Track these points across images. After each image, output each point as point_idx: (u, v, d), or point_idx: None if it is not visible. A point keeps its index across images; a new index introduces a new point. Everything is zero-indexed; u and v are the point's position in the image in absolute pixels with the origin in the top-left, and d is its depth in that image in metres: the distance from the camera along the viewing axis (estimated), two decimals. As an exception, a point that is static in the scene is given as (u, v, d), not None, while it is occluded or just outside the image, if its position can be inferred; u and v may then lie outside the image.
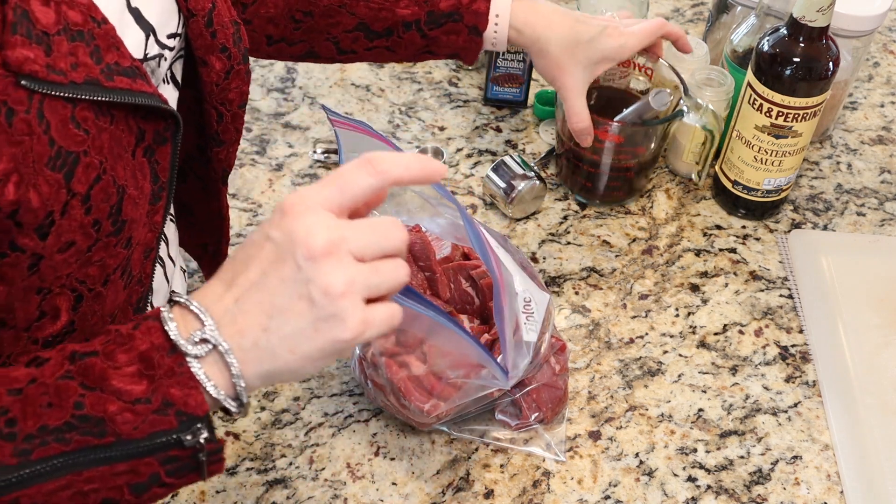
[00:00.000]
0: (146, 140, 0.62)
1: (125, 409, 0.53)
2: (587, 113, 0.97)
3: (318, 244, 0.53)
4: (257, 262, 0.55)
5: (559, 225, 1.07)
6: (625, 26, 0.97)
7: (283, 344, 0.54)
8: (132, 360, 0.54)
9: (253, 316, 0.54)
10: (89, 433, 0.53)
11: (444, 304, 0.86)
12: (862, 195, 1.13)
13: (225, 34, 0.72)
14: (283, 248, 0.54)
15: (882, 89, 1.28)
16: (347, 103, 1.20)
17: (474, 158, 1.14)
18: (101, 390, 0.53)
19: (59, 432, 0.53)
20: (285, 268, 0.54)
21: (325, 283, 0.53)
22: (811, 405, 0.92)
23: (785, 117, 0.98)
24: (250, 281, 0.55)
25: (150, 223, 0.67)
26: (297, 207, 0.55)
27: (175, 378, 0.54)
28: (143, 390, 0.53)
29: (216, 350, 0.54)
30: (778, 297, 1.01)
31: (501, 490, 0.83)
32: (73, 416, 0.53)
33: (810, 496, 0.85)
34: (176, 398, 0.54)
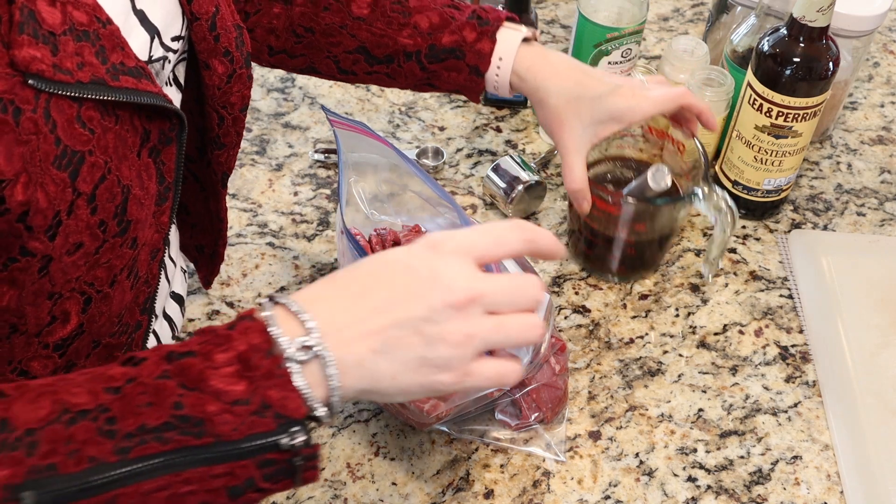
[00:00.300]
0: (151, 140, 0.63)
1: (224, 409, 0.53)
2: (583, 175, 0.88)
3: (459, 294, 0.55)
4: (388, 286, 0.57)
5: (559, 225, 1.07)
6: (643, 89, 0.88)
7: (388, 370, 0.56)
8: (230, 361, 0.54)
9: (366, 337, 0.55)
10: (188, 433, 0.53)
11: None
12: (862, 195, 1.13)
13: (228, 38, 0.72)
14: (421, 283, 0.56)
15: (882, 89, 1.28)
16: (347, 103, 1.20)
17: (474, 158, 1.14)
18: (200, 391, 0.53)
19: (158, 432, 0.52)
20: (417, 304, 0.55)
21: (447, 331, 0.55)
22: (811, 405, 0.92)
23: (785, 117, 0.98)
24: (374, 303, 0.56)
25: (157, 224, 0.67)
26: (447, 246, 0.57)
27: (273, 380, 0.54)
28: (243, 391, 0.53)
29: (317, 359, 0.55)
30: (778, 297, 1.01)
31: (501, 490, 0.83)
32: (173, 416, 0.53)
33: (810, 496, 0.85)
34: (274, 400, 0.53)
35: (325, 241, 1.03)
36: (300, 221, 1.05)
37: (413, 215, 0.92)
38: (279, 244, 1.03)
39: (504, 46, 0.88)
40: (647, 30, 1.33)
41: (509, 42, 0.88)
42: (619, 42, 1.12)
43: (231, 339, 0.54)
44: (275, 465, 0.54)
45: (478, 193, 1.10)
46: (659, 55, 1.29)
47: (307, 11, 0.88)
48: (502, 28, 0.89)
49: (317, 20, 0.89)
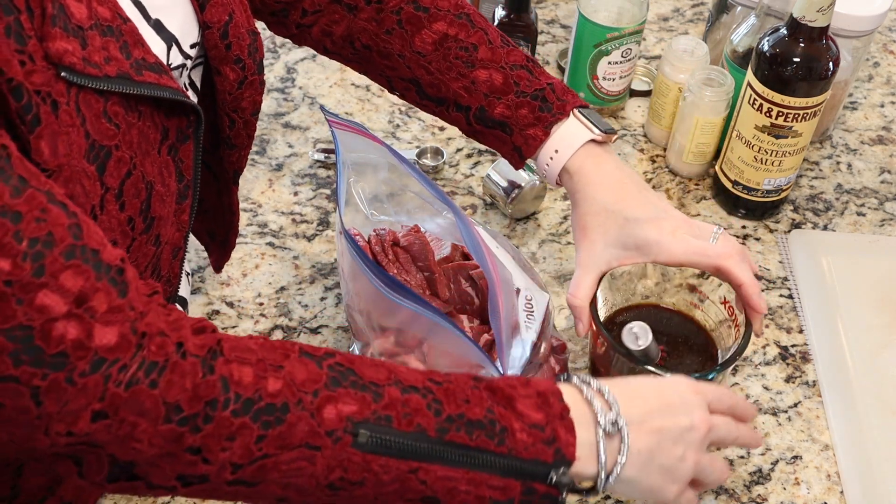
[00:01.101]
0: (170, 138, 0.63)
1: (524, 429, 0.60)
2: (587, 293, 0.81)
3: (705, 426, 0.67)
4: (665, 401, 0.67)
5: (559, 225, 1.07)
6: (690, 230, 0.81)
7: (649, 469, 0.65)
8: (532, 395, 0.62)
9: (650, 435, 0.65)
10: (493, 437, 0.59)
11: (443, 304, 0.86)
12: (862, 195, 1.13)
13: (240, 45, 0.72)
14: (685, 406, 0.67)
15: (882, 89, 1.28)
16: (347, 103, 1.20)
17: (474, 158, 1.14)
18: (507, 407, 0.61)
19: (471, 426, 0.59)
20: (682, 419, 0.66)
21: (690, 453, 0.66)
22: (811, 405, 0.92)
23: (785, 117, 0.98)
24: (654, 406, 0.66)
25: (178, 222, 0.68)
26: (694, 386, 0.69)
27: (564, 421, 0.61)
28: (541, 419, 0.61)
29: (618, 437, 0.63)
30: (778, 297, 1.01)
31: (501, 490, 0.83)
32: (486, 417, 0.60)
33: (810, 496, 0.85)
34: (560, 438, 0.61)
35: (325, 241, 1.03)
36: (300, 221, 1.05)
37: (413, 216, 0.92)
38: (279, 244, 1.03)
39: (563, 143, 0.81)
40: (647, 30, 1.33)
41: (570, 139, 0.81)
42: (619, 42, 1.12)
43: (531, 380, 0.63)
44: (534, 495, 0.61)
45: (478, 193, 1.10)
46: (659, 55, 1.29)
47: (370, 28, 0.83)
48: (566, 122, 0.82)
49: (377, 40, 0.84)
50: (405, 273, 0.87)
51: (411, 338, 0.82)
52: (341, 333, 0.95)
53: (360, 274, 0.81)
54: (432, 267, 0.87)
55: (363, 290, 0.82)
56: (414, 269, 0.88)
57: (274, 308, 0.97)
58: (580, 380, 0.65)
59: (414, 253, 0.88)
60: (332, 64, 1.24)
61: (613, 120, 1.20)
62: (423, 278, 0.88)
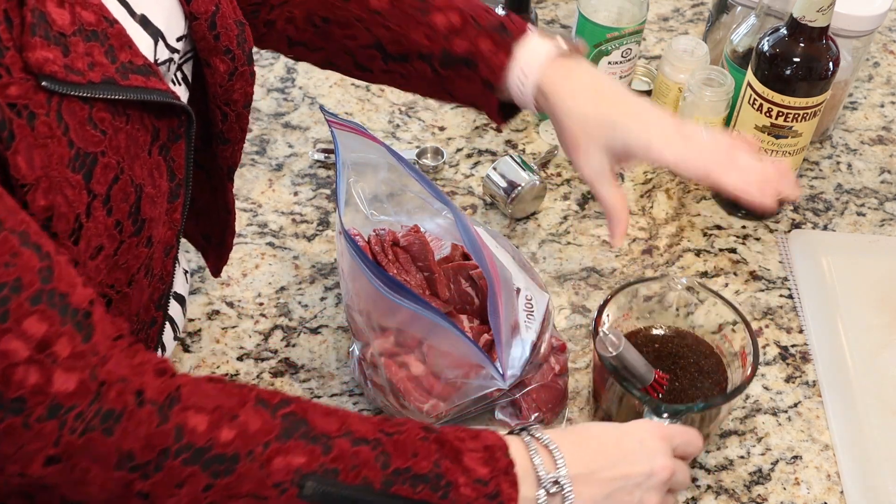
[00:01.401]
0: (161, 138, 0.63)
1: (468, 483, 0.61)
2: (618, 196, 0.78)
3: (665, 474, 0.69)
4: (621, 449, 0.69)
5: (559, 225, 1.07)
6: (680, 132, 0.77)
7: None
8: (479, 448, 0.63)
9: (597, 487, 0.66)
10: (436, 490, 0.61)
11: (442, 304, 0.86)
12: (862, 195, 1.13)
13: (229, 36, 0.72)
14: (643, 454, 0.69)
15: (882, 89, 1.28)
16: (347, 103, 1.20)
17: (474, 158, 1.14)
18: (454, 461, 0.62)
19: (416, 480, 0.60)
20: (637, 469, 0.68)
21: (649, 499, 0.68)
22: (811, 405, 0.92)
23: (785, 117, 0.98)
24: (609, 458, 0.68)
25: (170, 221, 0.67)
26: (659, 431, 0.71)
27: (508, 476, 0.63)
28: (485, 474, 0.62)
29: (560, 495, 0.65)
30: (778, 297, 1.01)
31: (501, 490, 0.83)
32: (431, 472, 0.61)
33: (810, 496, 0.85)
34: (503, 492, 0.62)
35: (325, 241, 1.03)
36: (300, 221, 1.05)
37: (412, 216, 0.92)
38: (279, 244, 1.03)
39: (528, 60, 0.79)
40: (647, 30, 1.33)
41: (535, 55, 0.79)
42: (619, 42, 1.12)
43: (479, 433, 0.64)
44: None
45: (478, 193, 1.10)
46: (659, 55, 1.29)
47: (328, 1, 0.84)
48: (528, 41, 0.80)
49: (334, 10, 0.84)
50: (405, 273, 0.87)
51: (411, 338, 0.82)
52: (341, 333, 0.95)
53: (360, 274, 0.81)
54: (432, 267, 0.87)
55: (363, 290, 0.82)
56: (414, 269, 0.88)
57: (274, 308, 0.97)
58: (529, 434, 0.67)
59: (414, 253, 0.88)
60: (332, 64, 1.24)
61: (613, 120, 1.20)
62: (422, 278, 0.88)
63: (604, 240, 1.05)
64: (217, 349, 0.93)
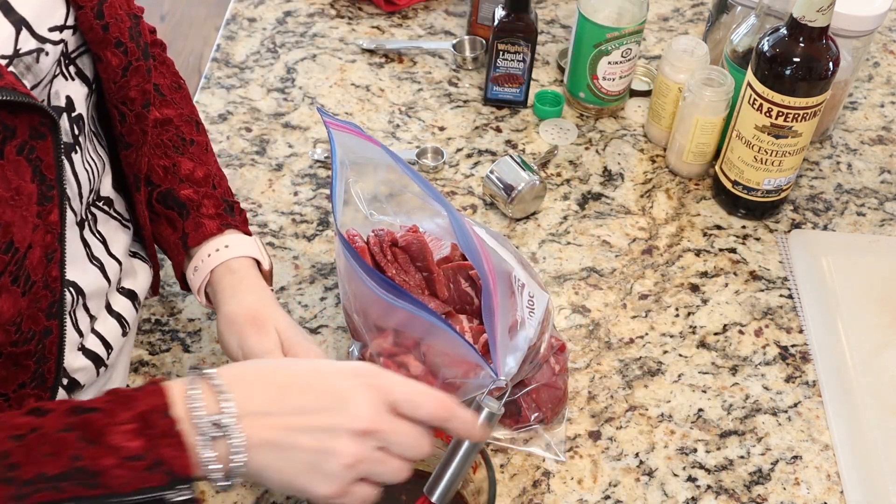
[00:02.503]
0: (18, 137, 0.60)
1: (119, 464, 0.57)
2: None
3: (361, 423, 0.61)
4: (306, 392, 0.62)
5: (559, 225, 1.07)
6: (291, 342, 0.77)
7: (277, 464, 0.60)
8: (131, 419, 0.58)
9: (271, 429, 0.60)
10: (82, 484, 0.56)
11: (441, 304, 0.86)
12: (862, 195, 1.13)
13: (119, 28, 0.68)
14: (334, 401, 0.61)
15: (882, 89, 1.28)
16: (347, 103, 1.20)
17: (474, 158, 1.14)
18: (98, 444, 0.57)
19: (55, 481, 0.56)
20: (324, 416, 0.61)
21: (339, 447, 0.60)
22: (811, 405, 0.92)
23: (785, 117, 0.98)
24: (289, 401, 0.61)
25: (45, 224, 0.64)
26: (371, 379, 0.62)
27: (169, 439, 0.58)
28: (138, 447, 0.57)
29: (225, 437, 0.59)
30: (778, 297, 1.01)
31: (501, 490, 0.83)
32: (71, 468, 0.56)
33: (810, 496, 0.85)
34: (167, 458, 0.57)
35: (325, 241, 1.03)
36: (300, 221, 1.05)
37: (412, 216, 0.92)
38: (279, 244, 1.03)
39: (234, 245, 0.82)
40: (647, 30, 1.33)
41: (241, 246, 0.82)
42: (619, 42, 1.12)
43: (135, 399, 0.59)
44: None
45: (478, 193, 1.10)
46: (659, 55, 1.29)
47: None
48: (239, 233, 0.83)
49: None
50: (404, 273, 0.87)
51: (410, 338, 0.82)
52: (341, 333, 0.95)
53: (356, 275, 0.81)
54: (430, 267, 0.87)
55: (359, 292, 0.82)
56: (412, 269, 0.88)
57: (274, 308, 0.96)
58: (197, 374, 0.61)
59: (412, 253, 0.88)
60: (331, 64, 1.24)
61: (614, 120, 1.20)
62: (421, 278, 0.88)
63: (604, 240, 1.05)
64: (217, 349, 0.93)
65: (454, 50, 1.25)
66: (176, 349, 0.93)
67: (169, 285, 0.98)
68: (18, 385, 0.67)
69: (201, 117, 1.15)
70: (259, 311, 0.78)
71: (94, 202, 0.76)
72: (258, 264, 0.83)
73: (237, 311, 0.79)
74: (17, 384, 0.67)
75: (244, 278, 0.81)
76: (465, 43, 1.25)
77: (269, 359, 0.69)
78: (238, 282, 0.80)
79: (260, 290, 0.81)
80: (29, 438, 0.57)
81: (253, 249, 0.83)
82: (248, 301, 0.79)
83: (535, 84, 1.22)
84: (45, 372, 0.69)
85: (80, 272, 0.73)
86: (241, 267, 0.81)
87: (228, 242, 0.82)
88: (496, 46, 1.14)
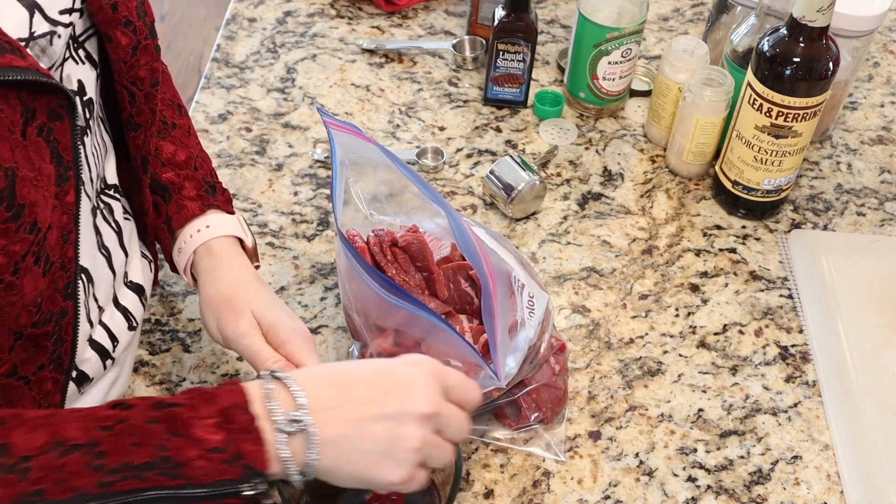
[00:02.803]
0: (38, 118, 0.61)
1: (201, 455, 0.59)
2: None
3: (425, 407, 0.64)
4: (372, 384, 0.65)
5: (559, 225, 1.07)
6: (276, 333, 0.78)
7: (350, 455, 0.63)
8: (213, 414, 0.60)
9: (344, 423, 0.63)
10: (165, 473, 0.59)
11: (441, 304, 0.86)
12: (862, 195, 1.13)
13: (128, 7, 0.69)
14: (398, 388, 0.65)
15: (882, 89, 1.28)
16: (347, 103, 1.20)
17: (474, 158, 1.14)
18: (182, 437, 0.60)
19: (139, 470, 0.59)
20: (390, 404, 0.64)
21: (408, 432, 0.63)
22: (811, 405, 0.92)
23: (785, 117, 0.98)
24: (357, 394, 0.65)
25: (62, 205, 0.65)
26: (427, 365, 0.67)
27: (249, 435, 0.60)
28: (220, 440, 0.60)
29: (303, 433, 0.62)
30: (778, 297, 1.01)
31: (501, 490, 0.83)
32: (156, 457, 0.59)
33: (810, 496, 0.85)
34: (246, 452, 0.60)
35: (325, 241, 1.03)
36: (300, 221, 1.05)
37: (412, 216, 0.92)
38: (279, 244, 1.03)
39: (215, 224, 0.83)
40: (647, 30, 1.33)
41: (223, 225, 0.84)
42: (619, 42, 1.12)
43: (216, 395, 0.62)
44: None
45: (478, 193, 1.10)
46: (659, 55, 1.29)
47: None
48: (223, 214, 0.85)
49: None
50: (403, 273, 0.87)
51: (409, 338, 0.82)
52: (341, 333, 0.95)
53: (356, 275, 0.81)
54: (430, 267, 0.87)
55: (360, 291, 0.82)
56: (412, 269, 0.88)
57: (274, 308, 0.96)
58: (272, 376, 0.64)
59: (412, 253, 0.88)
60: (331, 64, 1.24)
61: (614, 120, 1.20)
62: (421, 278, 0.88)
63: (604, 240, 1.05)
64: (217, 349, 0.93)
65: (454, 50, 1.25)
66: (176, 349, 0.93)
67: (169, 285, 0.98)
68: (38, 367, 0.69)
69: (201, 117, 1.15)
70: (233, 295, 0.80)
71: (104, 189, 0.77)
72: (242, 242, 0.85)
73: (213, 294, 0.80)
74: (37, 366, 0.69)
75: (222, 260, 0.82)
76: (465, 43, 1.25)
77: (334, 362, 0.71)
78: (216, 265, 0.82)
79: (238, 269, 0.82)
80: (117, 429, 0.59)
81: (234, 227, 0.84)
82: (225, 284, 0.81)
83: (535, 84, 1.22)
84: (62, 353, 0.70)
85: (90, 259, 0.73)
86: (220, 248, 0.83)
87: (210, 223, 0.84)
88: (496, 46, 1.14)
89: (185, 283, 0.98)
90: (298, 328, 0.78)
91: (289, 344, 0.77)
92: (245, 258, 0.84)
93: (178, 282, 0.98)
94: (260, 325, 0.78)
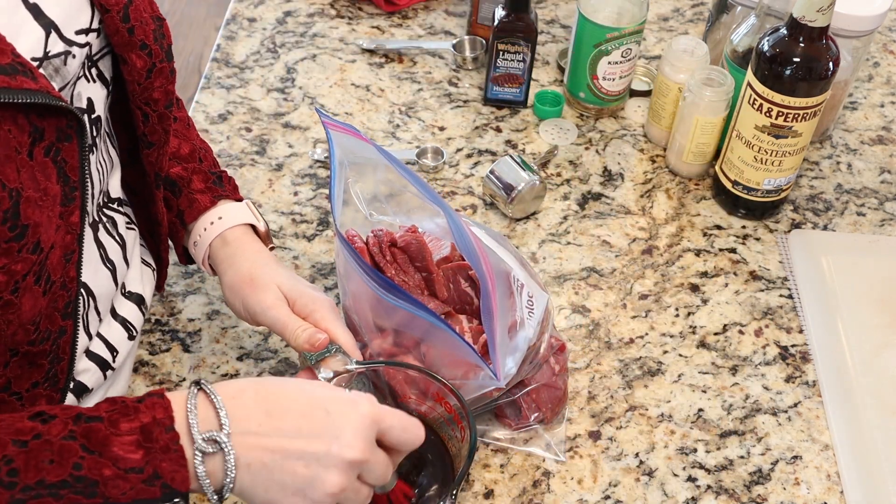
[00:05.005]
0: (46, 139, 0.60)
1: (118, 475, 0.58)
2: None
3: (354, 453, 0.63)
4: (301, 417, 0.63)
5: (559, 225, 1.07)
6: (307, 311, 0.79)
7: (265, 484, 0.62)
8: (133, 431, 0.59)
9: (263, 450, 0.62)
10: (81, 493, 0.58)
11: (440, 304, 0.86)
12: (862, 195, 1.13)
13: (144, 30, 0.69)
14: (328, 429, 0.63)
15: (882, 89, 1.28)
16: (347, 103, 1.20)
17: (474, 158, 1.14)
18: (100, 454, 0.58)
19: (54, 488, 0.57)
20: (318, 443, 0.62)
21: (328, 476, 0.62)
22: (811, 405, 0.92)
23: (785, 117, 0.98)
24: (283, 424, 0.63)
25: (67, 225, 0.64)
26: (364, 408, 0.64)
27: (168, 454, 0.59)
28: (138, 460, 0.59)
29: (221, 454, 0.61)
30: (778, 297, 1.01)
31: (501, 490, 0.83)
32: (71, 475, 0.57)
33: (810, 496, 0.85)
34: (165, 472, 0.59)
35: (325, 241, 1.03)
36: (300, 221, 1.05)
37: (411, 216, 0.92)
38: (279, 244, 1.03)
39: (228, 214, 0.85)
40: (647, 30, 1.33)
41: (235, 214, 0.85)
42: (619, 42, 1.12)
43: (138, 410, 0.60)
44: None
45: (478, 193, 1.10)
46: (659, 55, 1.29)
47: None
48: (230, 202, 0.86)
49: None
50: (403, 274, 0.87)
51: (409, 338, 0.82)
52: (341, 333, 0.95)
53: (356, 275, 0.81)
54: (430, 267, 0.87)
55: (359, 291, 0.82)
56: (412, 269, 0.88)
57: (274, 308, 0.96)
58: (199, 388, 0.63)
59: (411, 253, 0.88)
60: (331, 64, 1.24)
61: (614, 120, 1.20)
62: (420, 279, 0.88)
63: (604, 240, 1.05)
64: (217, 349, 0.93)
65: (454, 50, 1.25)
66: (176, 349, 0.93)
67: (169, 285, 0.98)
68: (32, 384, 0.68)
69: (201, 117, 1.15)
70: (255, 273, 0.81)
71: (107, 203, 0.77)
72: (255, 228, 0.86)
73: (235, 279, 0.82)
74: (31, 383, 0.68)
75: (238, 248, 0.84)
76: (465, 43, 1.25)
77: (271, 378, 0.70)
78: (233, 253, 0.84)
79: (256, 254, 0.84)
80: (32, 445, 0.58)
81: (246, 215, 0.86)
82: (245, 267, 0.82)
83: (535, 84, 1.22)
84: (58, 372, 0.70)
85: (92, 274, 0.73)
86: (235, 237, 0.84)
87: (222, 213, 0.85)
88: (496, 46, 1.14)
89: (185, 283, 0.98)
90: (324, 298, 0.80)
91: (316, 313, 0.78)
92: (260, 243, 0.85)
93: (177, 282, 0.99)
94: (286, 298, 0.79)
